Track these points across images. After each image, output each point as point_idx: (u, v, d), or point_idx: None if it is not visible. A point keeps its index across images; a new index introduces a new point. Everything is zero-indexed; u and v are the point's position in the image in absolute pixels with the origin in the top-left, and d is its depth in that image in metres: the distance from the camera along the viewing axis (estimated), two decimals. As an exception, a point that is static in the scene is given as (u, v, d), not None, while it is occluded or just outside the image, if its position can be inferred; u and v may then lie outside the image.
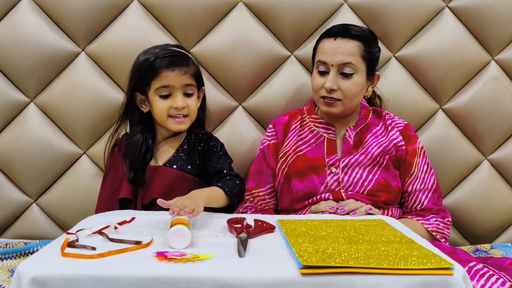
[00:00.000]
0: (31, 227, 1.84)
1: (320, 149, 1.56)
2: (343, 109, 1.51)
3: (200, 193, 1.22)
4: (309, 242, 0.97)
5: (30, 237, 1.81)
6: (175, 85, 1.42)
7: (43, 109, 1.81)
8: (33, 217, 1.84)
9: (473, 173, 1.84)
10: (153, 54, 1.43)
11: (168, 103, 1.42)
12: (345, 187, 1.50)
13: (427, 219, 1.50)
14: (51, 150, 1.80)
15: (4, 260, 1.56)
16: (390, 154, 1.53)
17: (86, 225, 1.15)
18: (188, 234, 0.96)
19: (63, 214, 1.83)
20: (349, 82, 1.47)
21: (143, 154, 1.47)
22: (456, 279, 0.82)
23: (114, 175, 1.52)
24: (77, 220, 1.78)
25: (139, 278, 0.81)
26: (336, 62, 1.46)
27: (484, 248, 1.74)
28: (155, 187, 1.46)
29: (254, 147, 1.76)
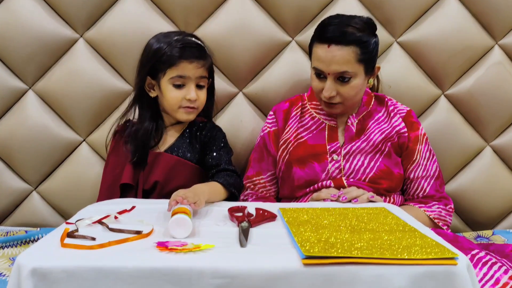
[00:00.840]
0: (32, 215, 1.84)
1: (321, 136, 1.54)
2: (345, 108, 1.49)
3: (202, 188, 1.23)
4: (311, 231, 0.96)
5: (31, 225, 1.81)
6: (191, 76, 1.42)
7: (42, 97, 1.79)
8: (33, 205, 1.84)
9: (475, 160, 1.82)
10: (171, 42, 1.42)
11: (181, 93, 1.43)
12: (347, 174, 1.49)
13: (429, 206, 1.49)
14: (51, 138, 1.79)
15: (5, 248, 1.55)
16: (392, 141, 1.52)
17: (86, 215, 1.14)
18: (189, 223, 0.95)
19: (64, 202, 1.83)
20: (347, 86, 1.43)
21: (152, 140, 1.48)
22: (460, 268, 0.81)
23: (116, 161, 1.52)
24: (78, 207, 1.78)
25: (140, 270, 0.80)
26: (332, 71, 1.41)
27: (485, 235, 1.73)
28: (156, 173, 1.46)
29: (254, 134, 1.75)
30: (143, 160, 1.46)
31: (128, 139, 1.49)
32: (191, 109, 1.46)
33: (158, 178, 1.46)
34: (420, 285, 0.81)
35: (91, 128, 1.81)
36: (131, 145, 1.47)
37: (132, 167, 1.45)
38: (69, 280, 0.80)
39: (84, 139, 1.82)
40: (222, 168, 1.45)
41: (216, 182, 1.34)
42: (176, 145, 1.50)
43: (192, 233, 0.95)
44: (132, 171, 1.44)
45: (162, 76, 1.43)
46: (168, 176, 1.46)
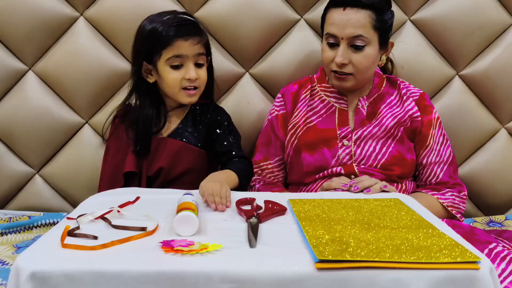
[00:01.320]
0: (35, 199, 1.81)
1: (331, 120, 1.48)
2: (356, 82, 1.43)
3: (219, 176, 1.21)
4: (323, 228, 0.92)
5: (34, 209, 1.78)
6: (188, 54, 1.37)
7: (42, 77, 1.74)
8: (36, 188, 1.81)
9: (489, 142, 1.77)
10: (163, 21, 1.36)
11: (180, 74, 1.38)
12: (358, 160, 1.44)
13: (443, 193, 1.44)
14: (52, 120, 1.75)
15: (8, 234, 1.53)
16: (405, 125, 1.46)
17: (88, 206, 1.10)
18: (195, 221, 0.91)
19: (67, 185, 1.80)
20: (360, 55, 1.38)
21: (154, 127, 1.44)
22: (483, 273, 0.77)
23: (117, 147, 1.48)
24: (81, 191, 1.78)
25: (145, 274, 0.76)
26: (346, 35, 1.36)
27: (498, 220, 1.69)
28: (160, 159, 1.43)
29: (262, 116, 1.70)
30: (146, 147, 1.41)
31: (128, 126, 1.43)
32: (193, 90, 1.41)
33: (162, 164, 1.42)
34: (440, 290, 0.76)
35: (94, 110, 1.77)
36: (133, 133, 1.42)
37: (135, 154, 1.41)
38: (70, 284, 0.76)
39: (87, 121, 1.78)
40: (234, 155, 1.40)
41: (231, 170, 1.31)
42: (180, 130, 1.46)
43: (198, 231, 0.91)
44: (135, 159, 1.41)
45: (158, 59, 1.37)
46: (173, 162, 1.43)
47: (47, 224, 1.60)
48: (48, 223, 1.60)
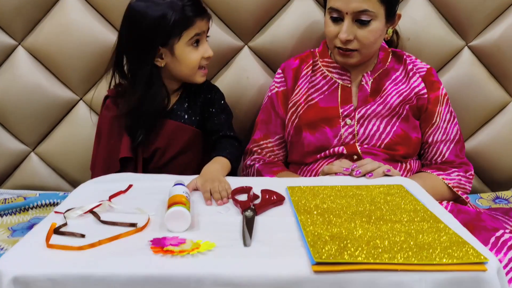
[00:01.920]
0: (31, 177, 1.78)
1: (333, 98, 1.42)
2: (360, 58, 1.36)
3: (216, 170, 1.18)
4: (322, 222, 0.87)
5: (31, 187, 1.76)
6: (204, 31, 1.35)
7: (32, 53, 1.69)
8: (32, 166, 1.78)
9: (498, 116, 1.71)
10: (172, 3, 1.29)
11: (199, 53, 1.35)
12: (361, 140, 1.38)
13: (448, 173, 1.39)
14: (45, 97, 1.70)
15: (3, 216, 1.50)
16: (410, 103, 1.40)
17: (79, 195, 1.06)
18: (187, 216, 0.86)
19: (63, 163, 1.77)
20: (366, 30, 1.30)
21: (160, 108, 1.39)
22: (490, 275, 0.72)
23: (109, 130, 1.42)
24: (77, 168, 1.75)
25: (133, 278, 0.73)
26: (351, 9, 1.28)
27: (504, 196, 1.65)
28: (156, 139, 1.40)
29: (262, 92, 1.64)
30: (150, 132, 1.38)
31: (123, 110, 1.37)
32: (206, 69, 1.39)
33: (158, 145, 1.39)
34: (444, 293, 0.72)
35: (88, 86, 1.72)
36: (130, 119, 1.36)
37: (130, 138, 1.36)
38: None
39: (81, 98, 1.73)
40: (223, 134, 1.39)
41: (224, 158, 1.28)
42: (175, 110, 1.42)
43: (191, 225, 0.87)
44: (130, 143, 1.36)
45: (176, 41, 1.31)
46: (169, 143, 1.40)
47: (43, 205, 1.57)
48: (44, 204, 1.57)
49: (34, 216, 1.51)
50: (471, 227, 1.09)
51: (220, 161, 1.26)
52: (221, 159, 1.27)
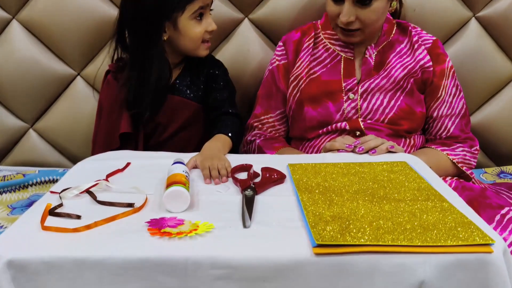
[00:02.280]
0: (31, 154, 1.77)
1: (336, 71, 1.38)
2: (364, 36, 1.32)
3: (216, 147, 1.15)
4: (323, 202, 0.85)
5: (31, 164, 1.75)
6: (208, 4, 1.33)
7: (27, 27, 1.65)
8: (31, 143, 1.76)
9: (505, 89, 1.67)
10: None
11: (202, 26, 1.32)
12: (364, 115, 1.35)
13: (453, 149, 1.36)
14: (42, 72, 1.67)
15: (2, 194, 1.48)
16: (415, 76, 1.36)
17: (77, 174, 1.04)
18: (186, 196, 0.84)
19: (63, 139, 1.75)
20: (368, 10, 1.25)
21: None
22: (496, 257, 0.70)
23: (110, 106, 1.40)
24: (77, 144, 1.73)
25: (129, 260, 0.71)
26: None
27: (509, 170, 1.63)
28: (157, 115, 1.37)
29: (263, 65, 1.60)
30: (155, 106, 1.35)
31: (124, 85, 1.34)
32: (209, 42, 1.37)
33: (160, 121, 1.37)
34: (448, 275, 0.70)
35: (85, 61, 1.69)
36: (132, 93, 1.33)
37: (131, 114, 1.33)
38: (50, 271, 0.71)
39: (79, 73, 1.70)
40: (225, 111, 1.36)
41: (225, 135, 1.26)
42: (178, 84, 1.40)
43: (190, 205, 0.85)
44: (130, 118, 1.33)
45: (180, 15, 1.28)
46: (171, 118, 1.38)
47: (43, 182, 1.55)
48: (43, 181, 1.56)
49: (34, 193, 1.50)
50: (476, 204, 1.07)
51: (221, 139, 1.24)
52: (222, 136, 1.25)
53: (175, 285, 0.72)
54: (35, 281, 0.72)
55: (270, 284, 0.71)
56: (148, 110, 1.33)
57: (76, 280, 0.71)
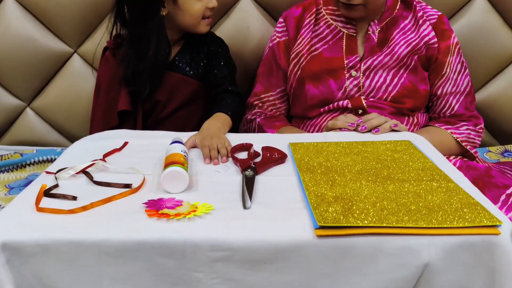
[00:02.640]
0: (28, 133, 1.75)
1: (338, 48, 1.35)
2: (367, 12, 1.28)
3: (216, 126, 1.12)
4: (325, 182, 0.83)
5: (29, 143, 1.73)
6: None
7: (22, 3, 1.61)
8: (29, 122, 1.74)
9: (511, 66, 1.63)
10: None
11: (203, 3, 1.30)
12: (366, 93, 1.32)
13: (457, 127, 1.33)
14: (38, 50, 1.64)
15: (0, 173, 1.46)
16: (419, 53, 1.32)
17: (73, 154, 1.02)
18: (185, 177, 0.82)
19: (60, 118, 1.73)
20: None
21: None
22: (503, 238, 0.68)
23: (109, 83, 1.37)
24: (74, 123, 1.70)
25: (126, 242, 0.69)
26: None
27: (513, 149, 1.60)
28: (157, 92, 1.35)
29: (263, 43, 1.56)
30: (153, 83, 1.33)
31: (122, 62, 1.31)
32: (210, 18, 1.34)
33: (159, 98, 1.35)
34: (453, 257, 0.69)
35: (82, 38, 1.65)
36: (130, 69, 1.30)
37: (129, 91, 1.31)
38: (45, 254, 0.69)
39: (75, 50, 1.67)
40: (225, 89, 1.33)
41: (224, 114, 1.23)
42: (177, 61, 1.37)
43: (188, 185, 0.83)
44: (129, 96, 1.31)
45: None
46: (170, 96, 1.36)
47: (40, 162, 1.53)
48: (41, 160, 1.54)
49: (32, 173, 1.49)
50: (480, 184, 1.05)
51: (220, 118, 1.21)
52: (221, 115, 1.22)
53: (173, 267, 0.70)
54: (31, 264, 0.70)
55: (271, 266, 0.70)
56: (147, 87, 1.30)
57: (73, 263, 0.70)
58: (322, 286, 0.70)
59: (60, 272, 0.70)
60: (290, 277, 0.70)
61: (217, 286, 0.71)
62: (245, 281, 0.70)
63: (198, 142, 1.04)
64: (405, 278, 0.70)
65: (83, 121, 1.69)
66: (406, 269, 0.69)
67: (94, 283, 0.71)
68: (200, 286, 0.71)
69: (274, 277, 0.70)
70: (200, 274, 0.70)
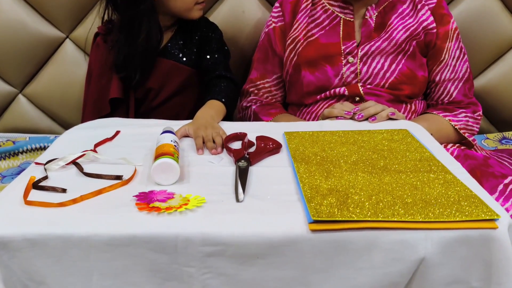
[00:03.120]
0: (21, 120, 1.73)
1: (335, 33, 1.32)
2: None
3: (209, 115, 1.10)
4: (320, 174, 0.81)
5: (21, 130, 1.72)
6: None
7: (11, -13, 1.57)
8: (21, 108, 1.73)
9: (510, 52, 1.61)
10: None
11: None
12: (363, 79, 1.29)
13: (455, 114, 1.31)
14: (29, 36, 1.61)
15: (-8, 161, 1.45)
16: (418, 39, 1.30)
17: (64, 143, 1.00)
18: (176, 169, 0.80)
19: (53, 104, 1.71)
20: None
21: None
22: (500, 233, 0.67)
23: (100, 69, 1.35)
24: (67, 109, 1.68)
25: (116, 237, 0.67)
26: None
27: (511, 136, 1.58)
28: (150, 79, 1.33)
29: (259, 28, 1.54)
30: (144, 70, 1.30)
31: (113, 47, 1.28)
32: (203, 3, 1.31)
33: (151, 86, 1.33)
34: (450, 252, 0.67)
35: (74, 23, 1.63)
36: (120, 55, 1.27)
37: (121, 78, 1.28)
38: (33, 249, 0.68)
39: (67, 36, 1.64)
40: (219, 74, 1.31)
41: (218, 101, 1.20)
42: (170, 48, 1.34)
43: (180, 177, 0.81)
44: (120, 83, 1.28)
45: None
46: (163, 83, 1.33)
47: (33, 150, 1.51)
48: (34, 148, 1.52)
49: (25, 161, 1.47)
50: (478, 173, 1.04)
51: (214, 105, 1.19)
52: (215, 102, 1.20)
53: (164, 262, 0.69)
54: (18, 258, 0.68)
55: (264, 260, 0.68)
56: (137, 73, 1.27)
57: (61, 257, 0.68)
58: (316, 281, 0.69)
59: (48, 267, 0.69)
60: (283, 272, 0.68)
61: (209, 281, 0.69)
62: (237, 276, 0.69)
63: (191, 132, 1.01)
64: (400, 272, 0.68)
65: (76, 108, 1.66)
66: (402, 263, 0.68)
67: (84, 278, 0.70)
68: (192, 281, 0.70)
69: (267, 272, 0.69)
70: (192, 269, 0.69)
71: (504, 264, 0.67)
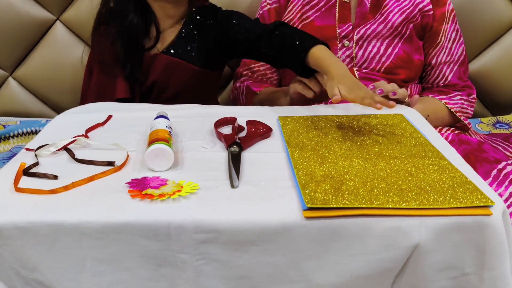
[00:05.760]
0: (11, 104, 1.71)
1: (330, 15, 1.30)
2: None
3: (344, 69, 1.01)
4: (315, 160, 0.80)
5: (13, 114, 1.70)
6: None
7: (-1, -33, 1.53)
8: (12, 91, 1.70)
9: (505, 36, 1.61)
10: None
11: None
12: (359, 63, 1.28)
13: (450, 97, 1.31)
14: (18, 17, 1.59)
15: (-18, 146, 1.43)
16: (414, 22, 1.28)
17: (55, 129, 0.98)
18: (170, 154, 0.79)
19: (43, 87, 1.69)
20: None
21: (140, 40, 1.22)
22: (494, 219, 0.67)
23: (101, 63, 1.26)
24: (59, 92, 1.66)
25: (108, 225, 0.67)
26: None
27: (506, 120, 1.59)
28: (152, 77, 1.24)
29: (253, 9, 1.52)
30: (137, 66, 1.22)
31: (113, 37, 1.21)
32: None
33: (153, 81, 1.25)
34: (443, 238, 0.67)
35: (64, 5, 1.60)
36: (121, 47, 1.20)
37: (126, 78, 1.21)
38: (23, 237, 0.67)
39: (58, 17, 1.61)
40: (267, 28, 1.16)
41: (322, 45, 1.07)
42: (176, 43, 1.25)
43: (174, 163, 0.80)
44: (127, 83, 1.21)
45: None
46: (166, 79, 1.25)
47: (24, 134, 1.50)
48: (25, 132, 1.50)
49: (16, 145, 1.45)
50: (472, 158, 1.03)
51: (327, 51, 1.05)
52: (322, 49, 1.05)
53: (158, 249, 0.68)
54: (9, 246, 0.68)
55: (257, 247, 0.68)
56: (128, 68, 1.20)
57: (53, 245, 0.68)
58: (309, 267, 0.69)
59: (40, 254, 0.68)
60: (277, 258, 0.68)
61: (203, 267, 0.69)
62: (231, 262, 0.69)
63: (345, 94, 0.92)
64: (394, 258, 0.68)
65: (67, 91, 1.65)
66: (395, 250, 0.68)
67: (77, 265, 0.69)
68: (186, 267, 0.69)
69: (261, 258, 0.68)
70: (185, 255, 0.68)
71: (497, 250, 0.68)
